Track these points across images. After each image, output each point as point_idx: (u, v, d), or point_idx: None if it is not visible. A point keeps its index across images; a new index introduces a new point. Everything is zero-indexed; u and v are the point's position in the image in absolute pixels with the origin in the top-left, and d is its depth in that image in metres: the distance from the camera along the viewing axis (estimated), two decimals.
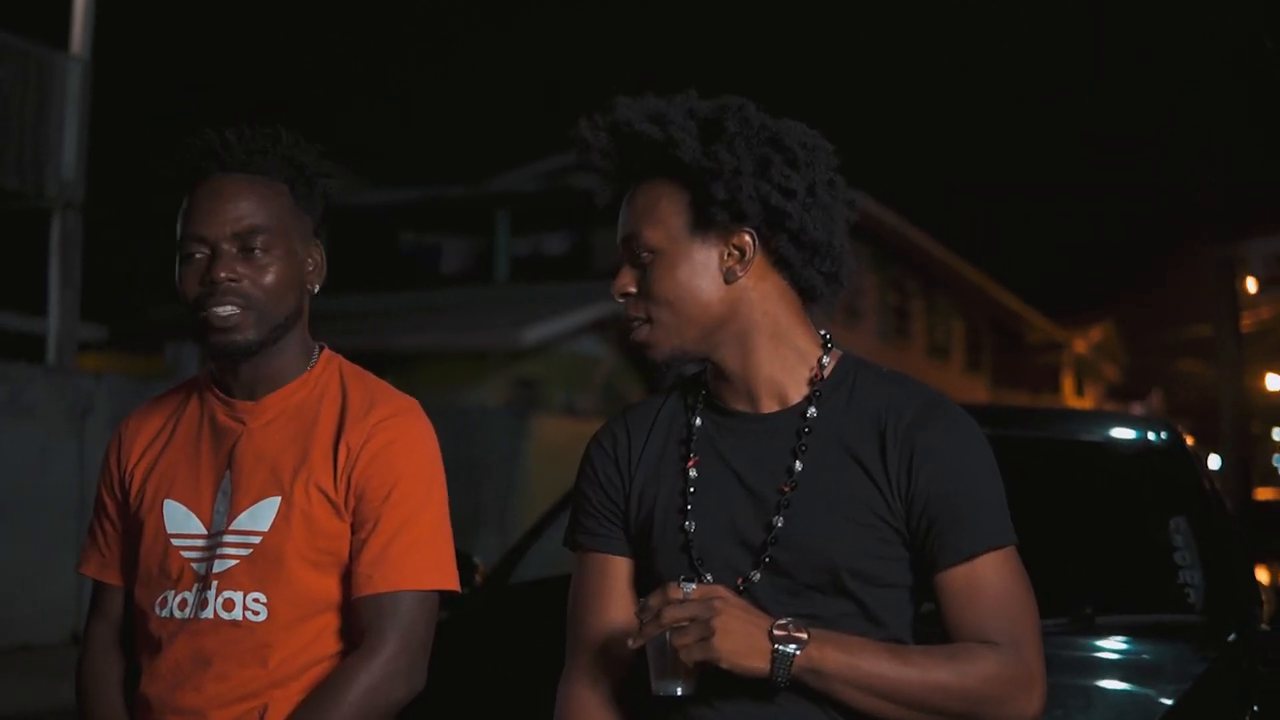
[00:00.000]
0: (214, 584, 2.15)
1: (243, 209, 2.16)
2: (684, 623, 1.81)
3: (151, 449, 2.29)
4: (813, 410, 1.99)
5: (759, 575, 1.94)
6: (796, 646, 1.82)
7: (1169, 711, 2.97)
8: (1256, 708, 2.98)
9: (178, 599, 2.18)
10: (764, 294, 2.00)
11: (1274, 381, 30.34)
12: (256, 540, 2.16)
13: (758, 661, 1.82)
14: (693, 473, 2.02)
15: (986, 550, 1.92)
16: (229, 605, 2.15)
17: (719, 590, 1.85)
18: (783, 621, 1.84)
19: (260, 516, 2.16)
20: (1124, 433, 3.86)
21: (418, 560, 2.16)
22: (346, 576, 2.18)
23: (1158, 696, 3.06)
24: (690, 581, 1.86)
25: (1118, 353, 44.02)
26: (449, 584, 2.20)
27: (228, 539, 2.17)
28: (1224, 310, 20.87)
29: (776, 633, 1.82)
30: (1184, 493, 3.67)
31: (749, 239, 1.98)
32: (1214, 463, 21.05)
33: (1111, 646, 3.23)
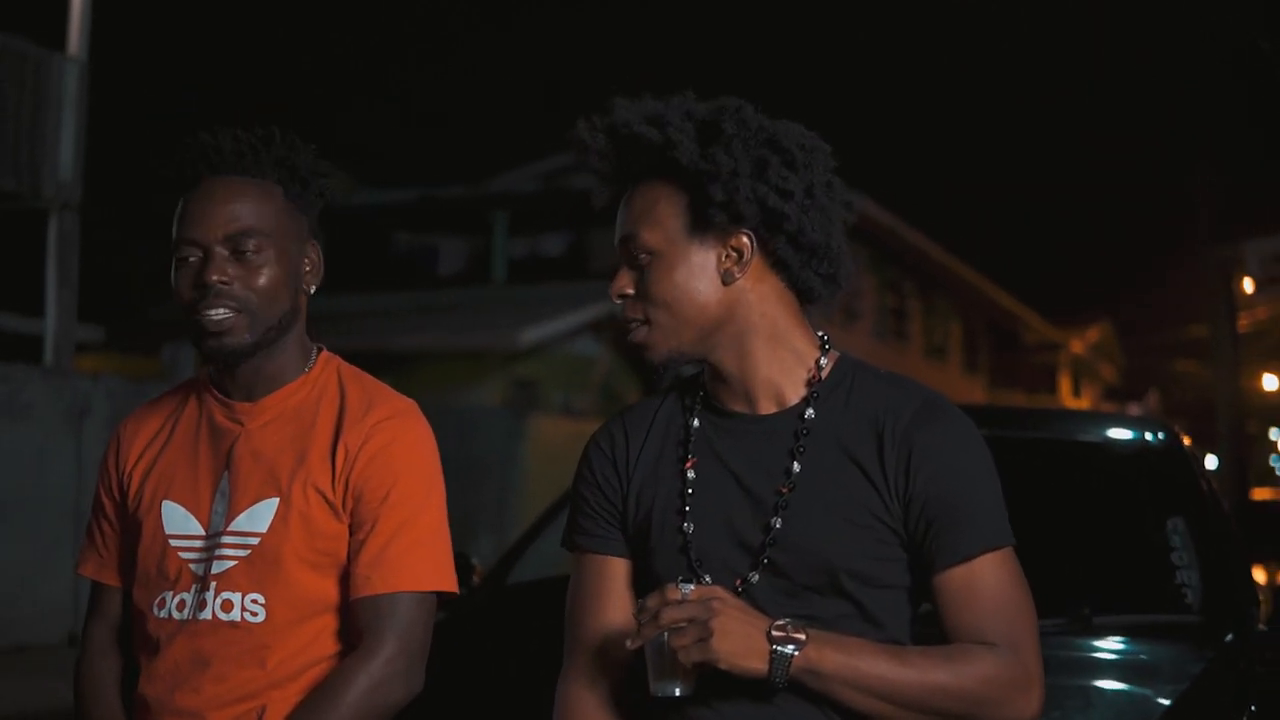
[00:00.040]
0: (212, 585, 2.15)
1: (234, 211, 2.15)
2: (682, 624, 1.81)
3: (150, 450, 2.29)
4: (810, 412, 1.99)
5: (757, 576, 1.94)
6: (795, 647, 1.82)
7: (1167, 712, 2.97)
8: (1254, 708, 2.98)
9: (176, 600, 2.18)
10: (762, 295, 2.00)
11: (1270, 382, 30.37)
12: (255, 541, 2.16)
13: (756, 662, 1.82)
14: (691, 474, 2.02)
15: (984, 551, 1.92)
16: (227, 606, 2.15)
17: (717, 591, 1.85)
18: (781, 622, 1.84)
19: (258, 518, 2.16)
20: (1121, 433, 3.86)
21: (416, 561, 2.16)
22: (345, 578, 2.18)
23: (1155, 697, 3.06)
24: (688, 582, 1.86)
25: (1115, 353, 44.01)
26: (447, 585, 2.20)
27: (226, 540, 2.17)
28: (1221, 311, 20.90)
29: (775, 634, 1.82)
30: (1181, 493, 3.67)
31: (747, 240, 1.98)
32: (1211, 463, 21.08)
33: (1109, 647, 3.23)
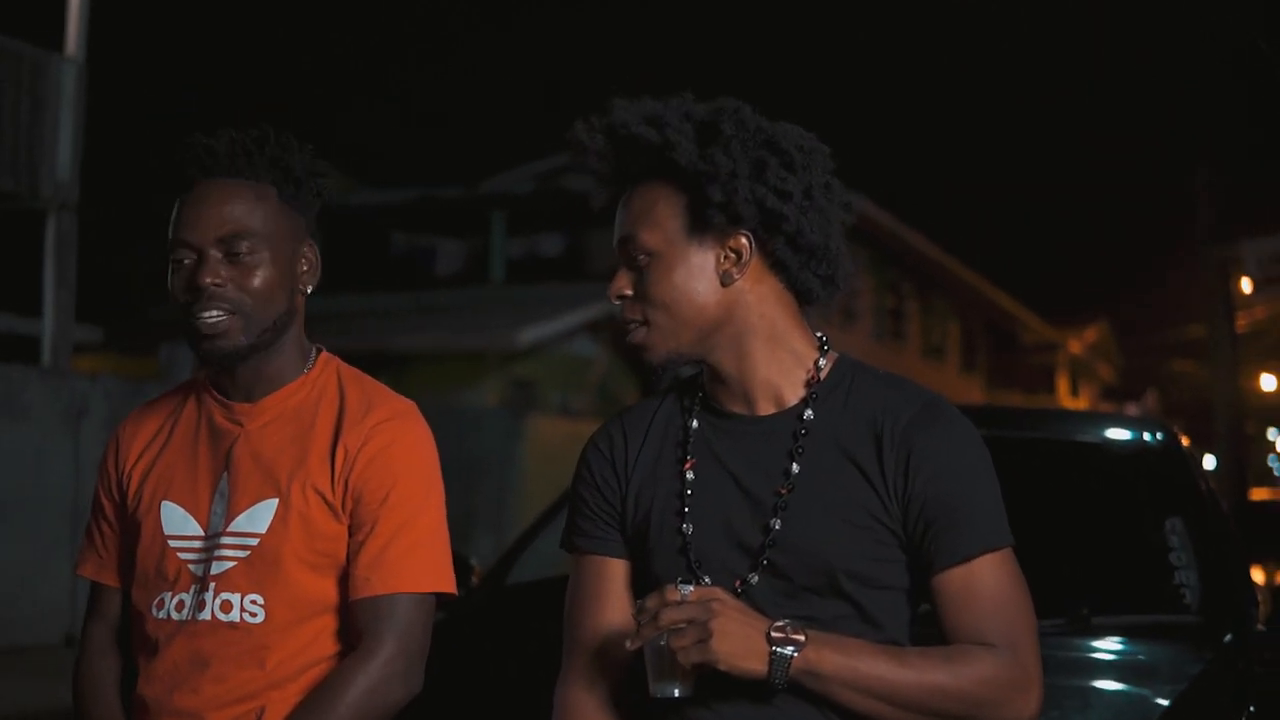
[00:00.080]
0: (211, 586, 2.15)
1: (227, 213, 2.15)
2: (682, 625, 1.81)
3: (149, 451, 2.29)
4: (809, 413, 1.99)
5: (756, 577, 1.94)
6: (794, 649, 1.82)
7: (1165, 712, 2.98)
8: (1253, 708, 2.98)
9: (175, 600, 2.18)
10: (760, 296, 2.00)
11: (1269, 382, 30.36)
12: (254, 542, 2.16)
13: (755, 663, 1.82)
14: (689, 475, 2.02)
15: (983, 552, 1.92)
16: (226, 607, 2.15)
17: (716, 592, 1.85)
18: (780, 624, 1.83)
19: (258, 518, 2.16)
20: (1119, 433, 3.86)
21: (415, 563, 2.16)
22: (344, 578, 2.18)
23: (1154, 697, 3.06)
24: (688, 584, 1.86)
25: (1112, 353, 44.02)
26: (446, 586, 2.20)
27: (225, 541, 2.17)
28: (1219, 311, 20.90)
29: (774, 635, 1.82)
30: (1180, 493, 3.67)
31: (745, 241, 1.98)
32: (1209, 463, 21.08)
33: (1108, 647, 3.23)
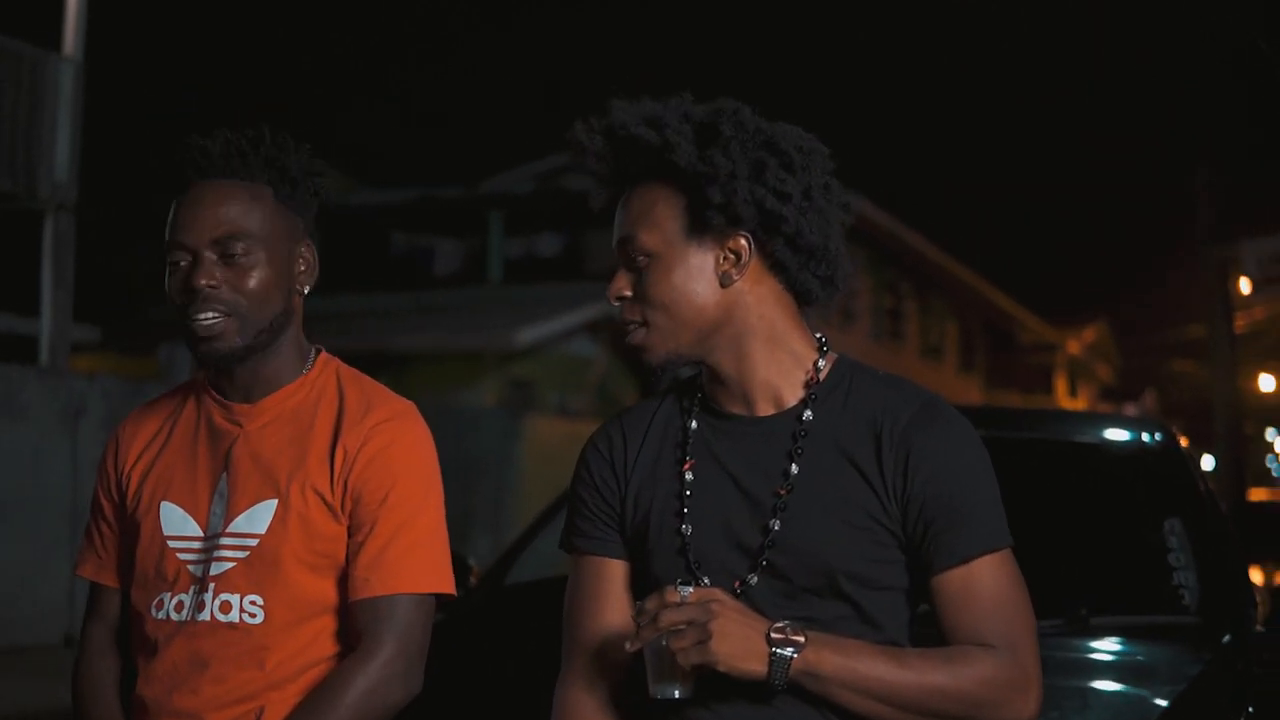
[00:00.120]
0: (211, 586, 2.15)
1: (222, 215, 2.16)
2: (681, 626, 1.81)
3: (149, 451, 2.29)
4: (808, 413, 1.99)
5: (756, 578, 1.94)
6: (794, 650, 1.82)
7: (1164, 713, 2.98)
8: (1251, 709, 2.98)
9: (174, 601, 2.18)
10: (760, 297, 2.00)
11: (1267, 382, 30.36)
12: (253, 543, 2.16)
13: (755, 665, 1.82)
14: (689, 476, 2.02)
15: (982, 553, 1.92)
16: (226, 607, 2.15)
17: (716, 593, 1.85)
18: (780, 625, 1.83)
19: (257, 519, 2.16)
20: (1118, 434, 3.86)
21: (415, 563, 2.16)
22: (343, 579, 2.18)
23: (1153, 698, 3.07)
24: (687, 585, 1.86)
25: (1111, 353, 44.03)
26: (445, 587, 2.20)
27: (224, 541, 2.17)
28: (1218, 311, 20.89)
29: (774, 636, 1.82)
30: (1178, 494, 3.67)
31: (744, 243, 1.98)
32: (1208, 464, 21.08)
33: (1106, 648, 3.23)
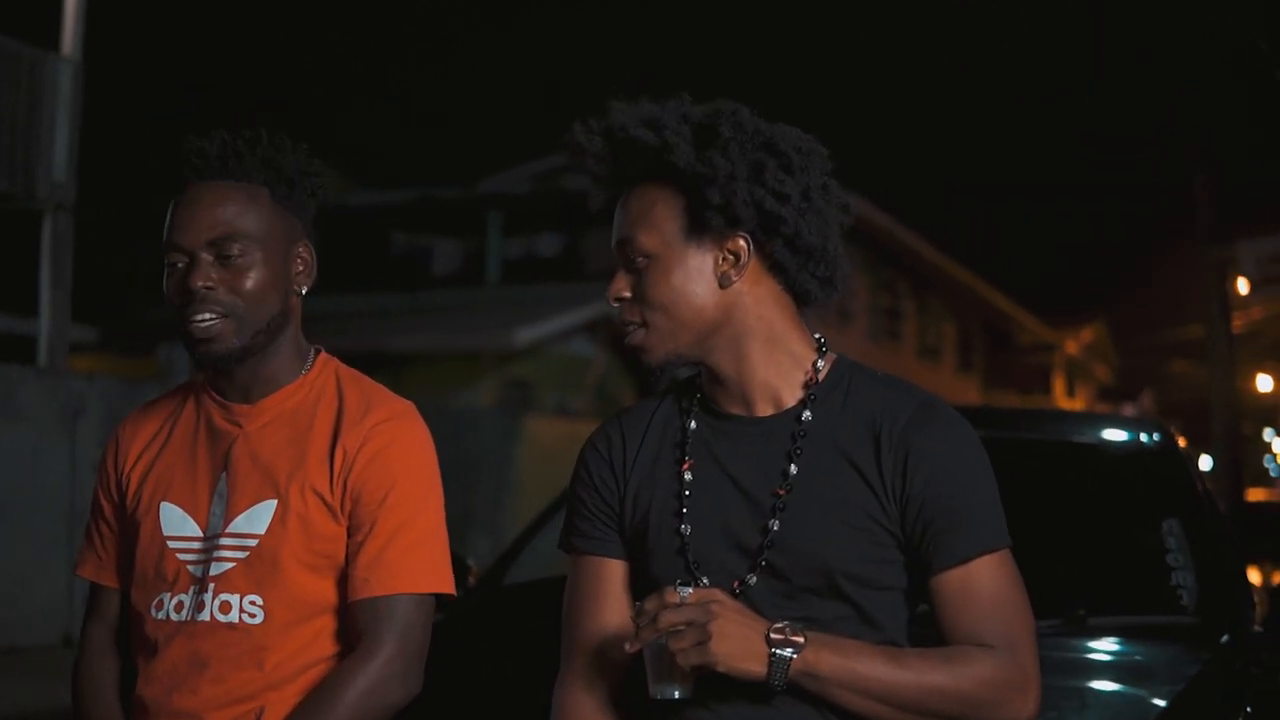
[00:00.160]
0: (210, 586, 2.16)
1: (218, 216, 2.16)
2: (681, 626, 1.81)
3: (148, 452, 2.29)
4: (807, 414, 1.99)
5: (755, 579, 1.94)
6: (793, 650, 1.82)
7: (1162, 713, 2.98)
8: (1249, 709, 2.99)
9: (174, 601, 2.18)
10: (758, 298, 2.01)
11: (1265, 382, 30.39)
12: (253, 543, 2.16)
13: (755, 665, 1.82)
14: (688, 476, 2.02)
15: (981, 553, 1.93)
16: (225, 608, 2.15)
17: (715, 594, 1.85)
18: (779, 625, 1.84)
19: (256, 519, 2.17)
20: (1116, 434, 3.86)
21: (414, 564, 2.17)
22: (343, 579, 2.18)
23: (1151, 698, 3.07)
24: (686, 585, 1.86)
25: (1109, 353, 44.04)
26: (445, 587, 2.20)
27: (224, 542, 2.17)
28: (1216, 311, 20.88)
29: (773, 636, 1.82)
30: (1176, 494, 3.67)
31: (744, 244, 1.98)
32: (1206, 464, 21.09)
33: (1105, 648, 3.23)
